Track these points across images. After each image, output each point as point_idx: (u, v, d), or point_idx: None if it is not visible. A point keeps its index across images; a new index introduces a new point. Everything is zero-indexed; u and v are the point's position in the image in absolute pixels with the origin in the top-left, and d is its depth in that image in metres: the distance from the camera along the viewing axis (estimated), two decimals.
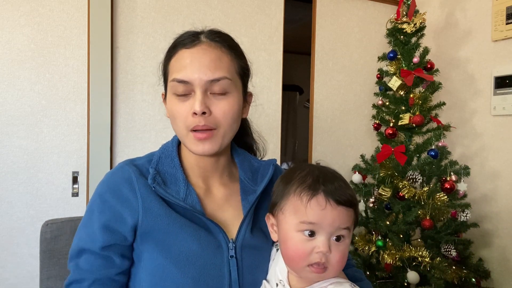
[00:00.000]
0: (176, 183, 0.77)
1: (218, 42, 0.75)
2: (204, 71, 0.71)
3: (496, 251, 1.94)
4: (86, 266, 0.73)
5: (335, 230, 0.65)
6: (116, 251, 0.73)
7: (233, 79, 0.75)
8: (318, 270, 0.65)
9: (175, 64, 0.74)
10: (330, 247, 0.65)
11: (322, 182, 0.66)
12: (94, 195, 0.77)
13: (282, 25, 2.09)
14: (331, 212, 0.64)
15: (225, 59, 0.74)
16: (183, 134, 0.75)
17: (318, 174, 0.68)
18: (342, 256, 0.66)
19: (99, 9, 1.70)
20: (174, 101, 0.74)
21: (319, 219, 0.64)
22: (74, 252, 0.75)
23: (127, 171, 0.76)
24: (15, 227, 1.63)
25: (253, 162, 0.87)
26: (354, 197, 0.68)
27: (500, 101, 1.91)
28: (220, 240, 0.74)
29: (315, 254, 0.64)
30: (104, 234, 0.72)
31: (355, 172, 1.93)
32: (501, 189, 1.93)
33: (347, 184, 0.69)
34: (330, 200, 0.65)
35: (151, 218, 0.72)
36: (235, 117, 0.76)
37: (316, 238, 0.65)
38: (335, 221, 0.65)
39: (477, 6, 2.04)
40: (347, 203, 0.66)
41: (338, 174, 0.71)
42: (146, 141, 1.83)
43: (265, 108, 2.03)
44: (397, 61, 1.83)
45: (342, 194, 0.66)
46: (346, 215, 0.66)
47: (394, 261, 1.61)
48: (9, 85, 1.61)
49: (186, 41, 0.74)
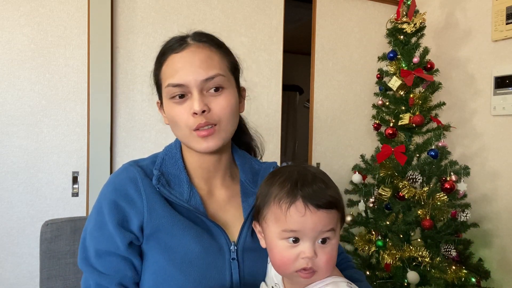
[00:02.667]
0: (179, 184, 0.77)
1: (205, 42, 0.76)
2: (198, 72, 0.72)
3: (496, 251, 1.94)
4: (109, 271, 0.71)
5: (318, 234, 0.64)
6: (136, 251, 0.73)
7: (226, 75, 0.76)
8: (306, 275, 0.65)
9: (167, 69, 0.75)
10: (316, 251, 0.64)
11: (300, 187, 0.65)
12: (100, 197, 0.76)
13: (282, 25, 2.09)
14: (311, 218, 0.63)
15: (215, 57, 0.75)
16: (186, 134, 0.75)
17: (297, 178, 0.67)
18: (330, 258, 0.65)
19: (99, 9, 1.70)
20: (172, 106, 0.75)
21: (300, 226, 0.63)
22: (92, 254, 0.73)
23: (132, 172, 0.76)
24: (15, 227, 1.63)
25: (254, 165, 0.88)
26: (335, 197, 0.66)
27: (500, 101, 1.91)
28: (221, 243, 0.74)
29: (301, 260, 0.64)
30: (121, 232, 0.71)
31: (355, 172, 1.93)
32: (501, 189, 1.93)
33: (328, 184, 0.67)
34: (309, 205, 0.63)
35: (156, 219, 0.72)
36: (234, 111, 0.76)
37: (300, 244, 0.64)
38: (317, 226, 0.63)
39: (477, 6, 2.04)
40: (327, 205, 0.64)
41: (320, 174, 0.69)
42: (146, 141, 1.83)
43: (265, 108, 2.03)
44: (397, 61, 1.83)
45: (321, 197, 0.64)
46: (327, 217, 0.65)
47: (394, 261, 1.61)
48: (9, 85, 1.61)
49: (174, 46, 0.76)
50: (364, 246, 1.77)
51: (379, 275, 1.78)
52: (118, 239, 0.71)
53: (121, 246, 0.71)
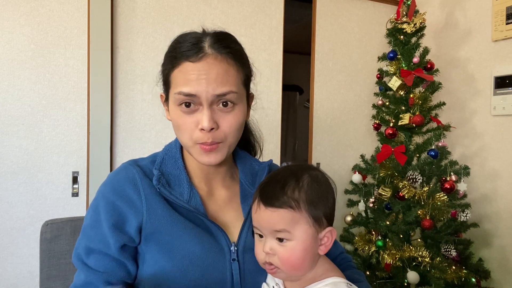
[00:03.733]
0: (180, 184, 0.77)
1: (224, 54, 0.72)
2: (212, 86, 0.69)
3: (496, 251, 1.94)
4: (99, 268, 0.71)
5: (271, 232, 0.67)
6: (129, 254, 0.73)
7: (239, 91, 0.73)
8: (269, 270, 0.69)
9: (180, 76, 0.71)
10: (274, 248, 0.67)
11: (262, 186, 0.70)
12: (98, 195, 0.76)
13: (282, 25, 2.09)
14: (261, 216, 0.68)
15: (231, 72, 0.72)
16: (189, 145, 0.74)
17: (267, 179, 0.72)
18: (286, 257, 0.66)
19: (99, 9, 1.70)
20: (179, 113, 0.72)
21: (256, 223, 0.69)
22: (83, 251, 0.73)
23: (131, 171, 0.75)
24: (15, 227, 1.63)
25: (254, 165, 0.87)
26: (290, 197, 0.66)
27: (500, 101, 1.91)
28: (222, 243, 0.74)
29: (263, 254, 0.69)
30: (115, 234, 0.71)
31: (355, 172, 1.93)
32: (501, 189, 1.93)
33: (291, 186, 0.67)
34: (260, 204, 0.68)
35: (155, 220, 0.72)
36: (240, 128, 0.75)
37: (263, 240, 0.69)
38: (268, 224, 0.67)
39: (477, 6, 2.04)
40: (273, 204, 0.66)
41: (295, 177, 0.69)
42: (146, 141, 1.83)
43: (265, 108, 2.03)
44: (397, 61, 1.83)
45: (270, 196, 0.67)
46: (275, 216, 0.66)
47: (394, 261, 1.61)
48: (9, 85, 1.61)
49: (190, 53, 0.70)
50: (364, 246, 1.77)
51: (379, 275, 1.78)
52: (111, 240, 0.71)
53: (113, 247, 0.71)
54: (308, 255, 0.68)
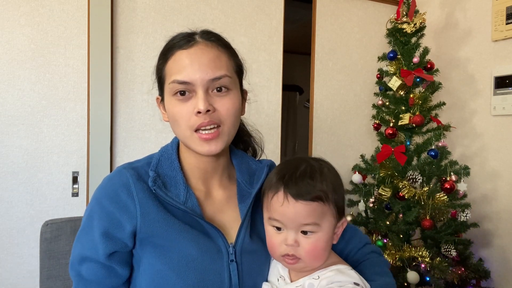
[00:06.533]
0: (176, 186, 0.76)
1: (214, 41, 0.75)
2: (205, 70, 0.71)
3: (496, 251, 1.94)
4: (90, 276, 0.72)
5: (298, 225, 0.66)
6: (119, 260, 0.73)
7: (232, 76, 0.75)
8: (290, 261, 0.69)
9: (174, 65, 0.74)
10: (299, 240, 0.67)
11: (286, 179, 0.68)
12: (92, 200, 0.76)
13: (282, 25, 2.09)
14: (289, 208, 0.66)
15: (223, 58, 0.75)
16: (187, 135, 0.74)
17: (288, 170, 0.70)
18: (312, 248, 0.67)
19: (99, 9, 1.70)
20: (174, 103, 0.73)
21: (280, 216, 0.67)
22: (76, 259, 0.74)
23: (125, 176, 0.75)
24: (15, 227, 1.63)
25: (252, 164, 0.87)
26: (321, 190, 0.67)
27: (500, 101, 1.91)
28: (219, 245, 0.73)
29: (284, 246, 0.68)
30: (105, 241, 0.71)
31: (355, 172, 1.93)
32: (501, 189, 1.93)
33: (318, 178, 0.68)
34: (289, 196, 0.66)
35: (150, 224, 0.71)
36: (237, 114, 0.76)
37: (284, 232, 0.68)
38: (297, 217, 0.66)
39: (477, 6, 2.04)
40: (307, 197, 0.66)
41: (317, 169, 0.69)
42: (146, 141, 1.83)
43: (265, 108, 2.03)
44: (397, 61, 1.83)
45: (302, 189, 0.66)
46: (307, 209, 0.66)
47: (394, 261, 1.62)
48: (9, 85, 1.61)
49: (182, 43, 0.74)
50: None
51: None
52: (100, 247, 0.71)
53: (101, 254, 0.71)
54: (328, 246, 0.69)
